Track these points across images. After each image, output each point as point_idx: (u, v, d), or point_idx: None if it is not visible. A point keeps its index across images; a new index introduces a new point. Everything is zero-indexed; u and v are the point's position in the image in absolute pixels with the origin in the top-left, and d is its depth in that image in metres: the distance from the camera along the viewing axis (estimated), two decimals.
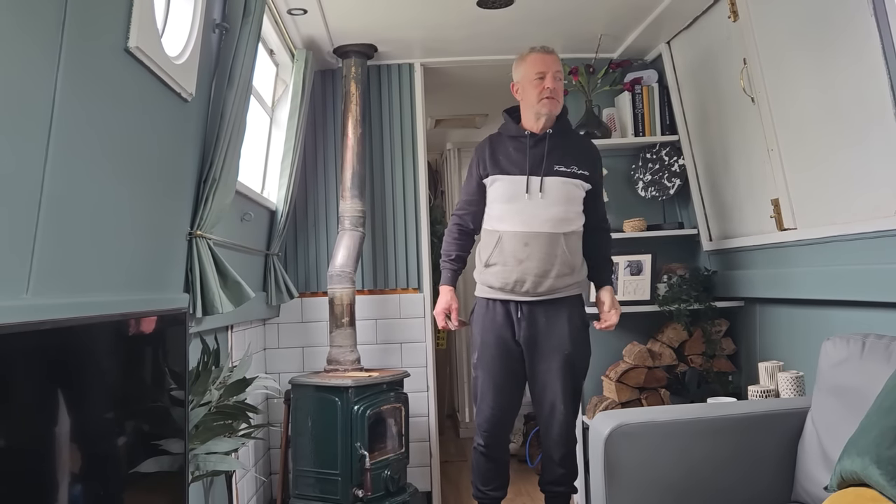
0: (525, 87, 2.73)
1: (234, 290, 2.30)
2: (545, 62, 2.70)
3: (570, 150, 2.74)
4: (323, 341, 3.52)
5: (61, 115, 1.37)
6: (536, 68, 2.70)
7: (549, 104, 2.68)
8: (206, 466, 1.96)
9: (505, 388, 2.72)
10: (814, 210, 2.53)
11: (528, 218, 2.66)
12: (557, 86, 2.71)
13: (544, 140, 2.72)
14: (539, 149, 2.71)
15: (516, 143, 2.75)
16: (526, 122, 2.77)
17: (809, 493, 1.94)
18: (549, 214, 2.66)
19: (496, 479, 2.81)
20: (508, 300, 2.71)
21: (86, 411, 1.37)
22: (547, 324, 2.69)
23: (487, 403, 2.73)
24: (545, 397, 2.73)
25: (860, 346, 1.93)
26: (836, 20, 2.18)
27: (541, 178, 2.67)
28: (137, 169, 1.80)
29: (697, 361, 3.26)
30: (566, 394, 2.70)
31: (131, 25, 1.61)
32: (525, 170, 2.69)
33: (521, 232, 2.66)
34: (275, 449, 3.52)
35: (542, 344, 2.70)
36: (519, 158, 2.72)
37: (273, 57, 3.31)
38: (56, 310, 1.35)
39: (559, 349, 2.68)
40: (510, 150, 2.74)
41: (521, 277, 2.66)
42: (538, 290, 2.67)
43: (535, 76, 2.69)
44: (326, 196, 3.69)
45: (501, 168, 2.73)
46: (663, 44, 3.39)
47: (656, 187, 3.51)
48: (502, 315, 2.72)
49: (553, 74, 2.69)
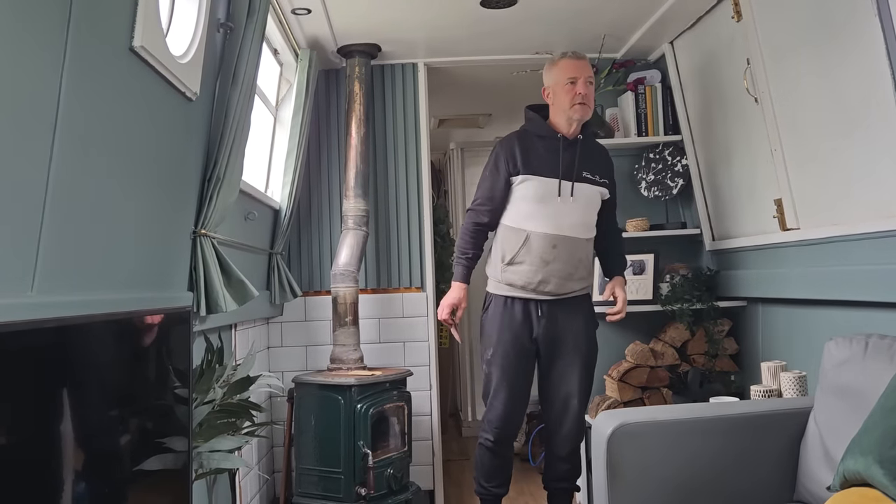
0: (557, 92, 2.74)
1: (238, 288, 2.31)
2: (577, 67, 2.72)
3: (594, 158, 2.81)
4: (326, 340, 3.53)
5: (66, 113, 1.37)
6: (568, 73, 2.71)
7: (581, 110, 2.70)
8: (209, 464, 1.97)
9: (518, 387, 2.75)
10: (817, 210, 2.53)
11: (558, 221, 2.69)
12: (589, 91, 2.72)
13: (576, 145, 2.74)
14: (570, 153, 2.73)
15: (547, 143, 2.74)
16: (557, 124, 2.77)
17: (812, 493, 1.94)
18: (577, 219, 2.72)
19: (500, 476, 2.83)
20: (528, 299, 2.73)
21: (90, 409, 1.38)
22: (565, 322, 2.75)
23: (500, 401, 2.73)
24: (560, 392, 2.77)
25: (863, 346, 1.92)
26: (839, 20, 2.18)
27: (572, 184, 2.71)
28: (142, 168, 1.80)
29: (700, 361, 3.26)
30: (581, 390, 2.76)
31: (136, 25, 1.61)
32: (558, 173, 2.71)
33: (550, 234, 2.68)
34: (278, 447, 3.53)
35: (561, 341, 2.75)
36: (552, 160, 2.72)
37: (277, 56, 3.32)
38: (60, 308, 1.35)
39: (577, 346, 2.75)
40: (541, 150, 2.74)
41: (546, 278, 2.69)
42: (560, 291, 2.72)
43: (566, 81, 2.70)
44: (330, 195, 3.69)
45: (534, 168, 2.71)
46: (666, 44, 3.38)
47: (659, 187, 3.51)
48: (521, 314, 2.73)
49: (585, 80, 2.71)
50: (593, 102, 2.77)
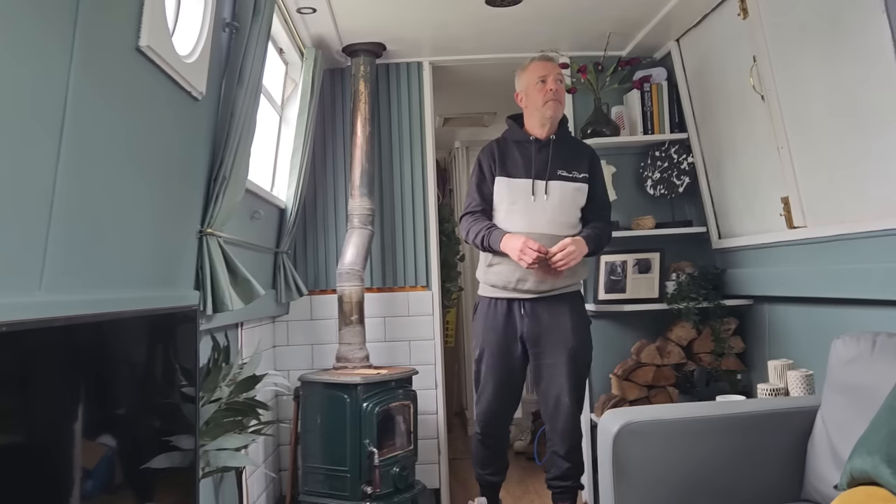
0: (529, 94, 2.86)
1: (244, 287, 2.31)
2: (546, 67, 2.86)
3: (571, 155, 2.87)
4: (332, 339, 3.53)
5: (73, 113, 1.38)
6: (538, 73, 2.84)
7: (553, 107, 2.82)
8: (216, 462, 1.98)
9: (504, 384, 2.86)
10: (824, 208, 2.52)
11: (532, 220, 2.78)
12: (559, 88, 2.84)
13: (548, 146, 2.85)
14: (543, 154, 2.83)
15: (521, 147, 2.87)
16: (530, 128, 2.89)
17: (819, 492, 1.94)
18: (552, 217, 2.79)
19: (493, 465, 2.98)
20: (511, 298, 2.82)
21: (97, 407, 1.38)
22: (550, 319, 2.80)
23: (487, 397, 2.87)
24: (550, 391, 2.82)
25: (870, 344, 1.92)
26: (846, 17, 2.17)
27: (545, 182, 2.80)
28: (148, 167, 1.81)
29: (706, 360, 3.25)
30: (571, 387, 2.79)
31: (142, 25, 1.62)
32: (531, 173, 2.82)
33: (524, 233, 2.75)
34: (284, 445, 3.53)
35: (546, 339, 2.80)
36: (525, 163, 2.84)
37: (282, 56, 3.32)
38: (68, 306, 1.36)
39: (563, 343, 2.78)
40: (516, 154, 2.87)
41: (523, 276, 2.77)
42: (540, 288, 2.78)
43: (537, 80, 2.83)
44: (335, 194, 3.70)
45: (508, 171, 2.85)
46: (672, 41, 3.38)
47: (665, 185, 3.50)
48: (504, 313, 2.83)
49: (554, 77, 2.83)
50: (564, 100, 2.89)
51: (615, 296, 3.46)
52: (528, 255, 2.66)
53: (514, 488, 3.83)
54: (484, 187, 2.88)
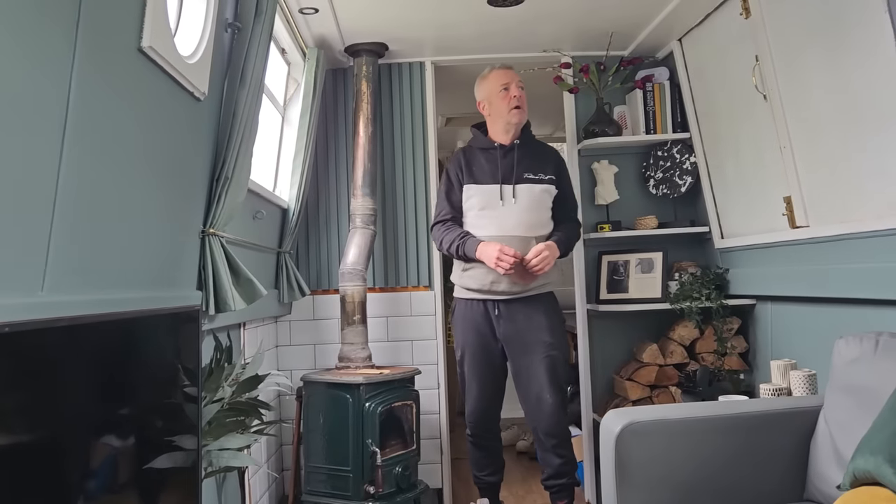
0: (493, 102, 2.96)
1: (247, 287, 2.32)
2: (507, 74, 2.97)
3: (536, 158, 2.96)
4: (334, 338, 3.54)
5: (75, 114, 1.38)
6: (500, 81, 2.95)
7: (518, 114, 2.92)
8: (218, 462, 1.98)
9: (487, 382, 2.95)
10: (826, 207, 2.52)
11: (501, 223, 2.87)
12: (522, 94, 2.94)
13: (513, 150, 2.94)
14: (509, 158, 2.93)
15: (487, 154, 2.96)
16: (494, 135, 2.99)
17: (822, 492, 1.93)
18: (522, 219, 2.88)
19: (490, 466, 3.03)
20: (485, 300, 2.91)
21: (99, 408, 1.39)
22: (525, 319, 2.87)
23: (473, 397, 2.96)
24: (531, 390, 2.88)
25: (874, 344, 1.91)
26: (849, 16, 2.16)
27: (513, 186, 2.89)
28: (151, 167, 1.81)
29: (709, 359, 3.25)
30: (551, 384, 2.84)
31: (144, 25, 1.62)
32: (498, 178, 2.91)
33: (495, 236, 2.85)
34: (287, 445, 3.54)
35: (522, 338, 2.87)
36: (491, 168, 2.94)
37: (285, 56, 3.33)
38: (71, 307, 1.36)
39: (540, 341, 2.85)
40: (482, 160, 2.96)
41: (497, 279, 2.85)
42: (513, 290, 2.86)
43: (500, 88, 2.93)
44: (338, 194, 3.70)
45: (475, 178, 2.94)
46: (675, 41, 3.37)
47: (667, 185, 3.50)
48: (481, 314, 2.92)
49: (516, 84, 2.93)
50: (526, 106, 2.97)
51: (618, 295, 3.46)
52: (505, 261, 2.75)
53: (517, 488, 3.83)
54: (452, 195, 2.98)
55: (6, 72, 1.17)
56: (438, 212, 3.03)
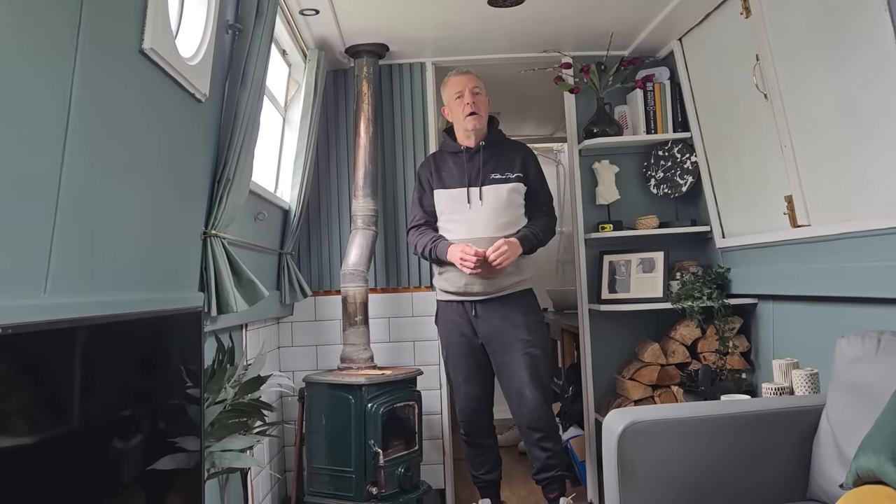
0: (452, 109, 3.04)
1: (249, 288, 2.32)
2: (460, 81, 3.01)
3: (503, 157, 2.99)
4: (336, 339, 3.54)
5: (77, 116, 1.38)
6: (455, 89, 3.01)
7: (473, 121, 2.97)
8: (221, 464, 1.98)
9: (474, 381, 2.99)
10: (827, 206, 2.52)
11: (471, 225, 2.92)
12: (477, 100, 2.98)
13: (479, 153, 2.98)
14: (475, 161, 2.98)
15: (455, 158, 3.02)
16: (460, 139, 3.04)
17: (825, 491, 1.93)
18: (490, 220, 2.92)
19: (486, 464, 3.06)
20: (463, 301, 2.96)
21: (102, 410, 1.39)
22: (502, 318, 2.91)
23: (461, 396, 3.01)
24: (512, 387, 2.92)
25: (875, 343, 1.91)
26: (849, 15, 2.16)
27: (479, 188, 2.94)
28: (152, 169, 1.81)
29: (711, 359, 3.25)
30: (532, 379, 2.87)
31: (146, 27, 1.62)
32: (465, 182, 2.96)
33: (465, 238, 2.90)
34: (289, 446, 3.54)
35: (500, 337, 2.91)
36: (458, 172, 2.99)
37: (286, 57, 3.33)
38: (73, 309, 1.36)
39: (517, 338, 2.89)
40: (451, 164, 3.02)
41: (470, 280, 2.90)
42: (487, 290, 2.90)
43: (455, 96, 3.00)
44: (339, 195, 3.70)
45: (444, 182, 3.01)
46: (675, 41, 3.37)
47: (668, 185, 3.50)
48: (460, 314, 2.97)
49: (470, 91, 2.97)
50: (485, 110, 3.01)
51: (619, 295, 3.46)
52: (468, 261, 2.81)
53: (519, 488, 3.83)
54: (424, 200, 3.07)
55: (7, 74, 1.18)
56: (412, 217, 3.12)
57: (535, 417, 2.89)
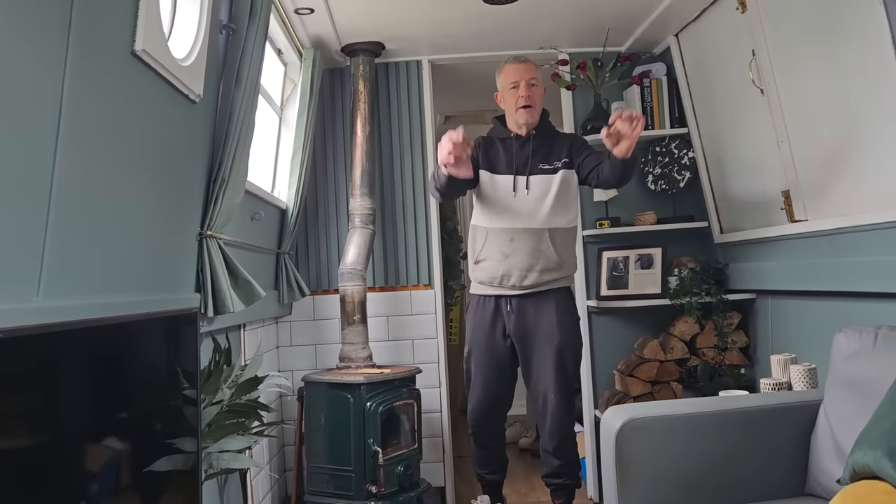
0: (504, 97, 2.92)
1: (245, 289, 2.32)
2: (518, 71, 2.87)
3: (552, 147, 2.89)
4: (335, 338, 3.54)
5: (69, 117, 1.38)
6: (510, 78, 2.87)
7: (524, 114, 2.84)
8: (219, 464, 1.98)
9: (492, 384, 2.88)
10: (825, 201, 2.51)
11: (513, 215, 2.82)
12: (532, 92, 2.84)
13: (529, 141, 2.87)
14: (525, 150, 2.87)
15: (504, 144, 2.91)
16: (511, 127, 2.93)
17: (823, 486, 1.93)
18: (534, 211, 2.81)
19: (491, 464, 2.99)
20: (498, 295, 2.85)
21: (98, 412, 1.39)
22: (536, 315, 2.82)
23: (476, 396, 2.91)
24: (539, 388, 2.84)
25: (872, 337, 1.91)
26: (844, 9, 2.16)
27: (526, 177, 2.83)
28: (146, 170, 1.81)
29: (709, 355, 3.24)
30: (558, 384, 2.80)
31: (137, 28, 1.62)
32: (512, 169, 2.84)
33: (506, 228, 2.80)
34: (289, 446, 3.54)
35: (532, 336, 2.82)
36: (507, 159, 2.88)
37: (281, 56, 3.32)
38: (67, 312, 1.36)
39: (550, 340, 2.80)
40: (500, 150, 2.90)
41: (507, 272, 2.80)
42: (524, 284, 2.80)
43: (509, 86, 2.86)
44: (336, 194, 3.70)
45: (491, 165, 2.88)
46: (671, 36, 3.37)
47: (666, 180, 3.49)
48: (492, 311, 2.87)
49: (526, 82, 2.84)
50: (540, 103, 2.89)
51: (617, 292, 3.46)
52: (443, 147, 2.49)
53: (519, 485, 3.83)
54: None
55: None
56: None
57: (555, 424, 2.81)
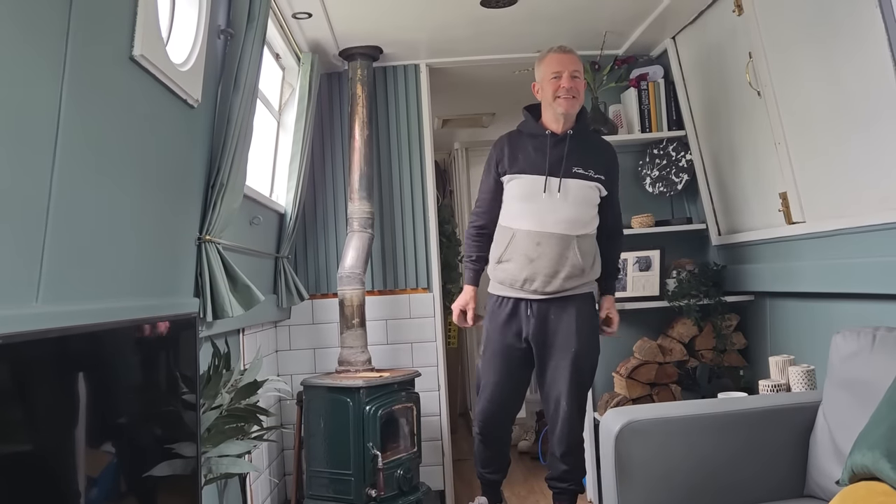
0: (544, 87, 2.76)
1: (244, 293, 2.32)
2: (561, 61, 2.73)
3: (589, 152, 2.76)
4: (334, 342, 3.54)
5: (67, 123, 1.38)
6: (553, 68, 2.72)
7: (564, 104, 2.70)
8: (218, 469, 1.98)
9: (503, 387, 2.82)
10: (822, 203, 2.52)
11: (542, 218, 2.69)
12: (575, 84, 2.72)
13: (564, 141, 2.73)
14: (559, 149, 2.73)
15: (536, 141, 2.77)
16: (546, 121, 2.79)
17: (821, 488, 1.93)
18: (564, 216, 2.69)
19: (493, 464, 2.95)
20: (519, 298, 2.76)
21: (97, 417, 1.39)
22: (556, 321, 2.73)
23: (485, 397, 2.84)
24: (552, 394, 2.78)
25: (870, 339, 1.91)
26: (840, 11, 2.17)
27: (559, 180, 2.69)
28: (145, 175, 1.81)
29: (708, 356, 3.25)
30: (571, 391, 2.73)
31: (136, 34, 1.62)
32: (544, 170, 2.71)
33: (534, 231, 2.69)
34: (288, 450, 3.54)
35: (551, 341, 2.75)
36: (539, 158, 2.74)
37: (279, 61, 3.33)
38: (66, 317, 1.36)
39: (567, 346, 2.72)
40: (529, 148, 2.76)
41: (531, 276, 2.70)
42: (546, 289, 2.71)
43: (551, 75, 2.72)
44: (335, 198, 3.70)
45: (520, 167, 2.75)
46: (668, 39, 3.37)
47: (664, 183, 3.50)
48: (511, 314, 2.77)
49: (569, 73, 2.70)
50: (583, 96, 2.78)
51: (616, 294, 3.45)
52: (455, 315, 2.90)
53: (518, 488, 3.83)
54: (486, 185, 2.86)
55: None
56: (477, 200, 2.93)
57: (565, 431, 2.76)
